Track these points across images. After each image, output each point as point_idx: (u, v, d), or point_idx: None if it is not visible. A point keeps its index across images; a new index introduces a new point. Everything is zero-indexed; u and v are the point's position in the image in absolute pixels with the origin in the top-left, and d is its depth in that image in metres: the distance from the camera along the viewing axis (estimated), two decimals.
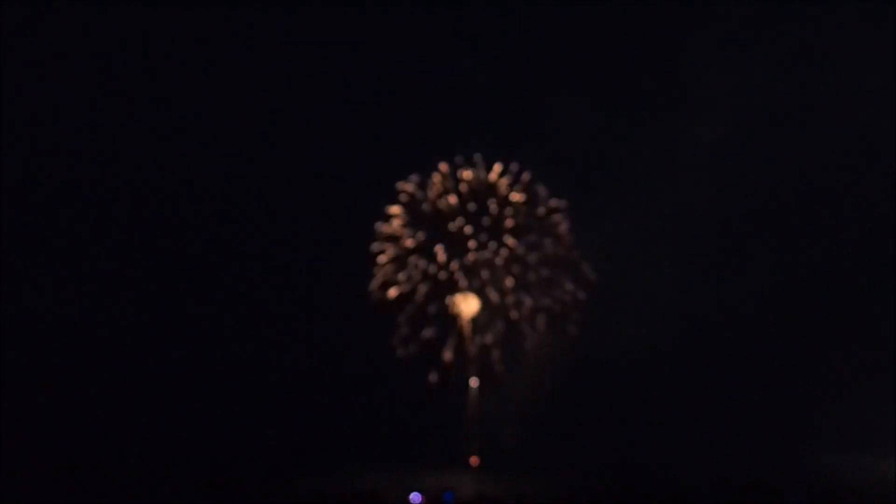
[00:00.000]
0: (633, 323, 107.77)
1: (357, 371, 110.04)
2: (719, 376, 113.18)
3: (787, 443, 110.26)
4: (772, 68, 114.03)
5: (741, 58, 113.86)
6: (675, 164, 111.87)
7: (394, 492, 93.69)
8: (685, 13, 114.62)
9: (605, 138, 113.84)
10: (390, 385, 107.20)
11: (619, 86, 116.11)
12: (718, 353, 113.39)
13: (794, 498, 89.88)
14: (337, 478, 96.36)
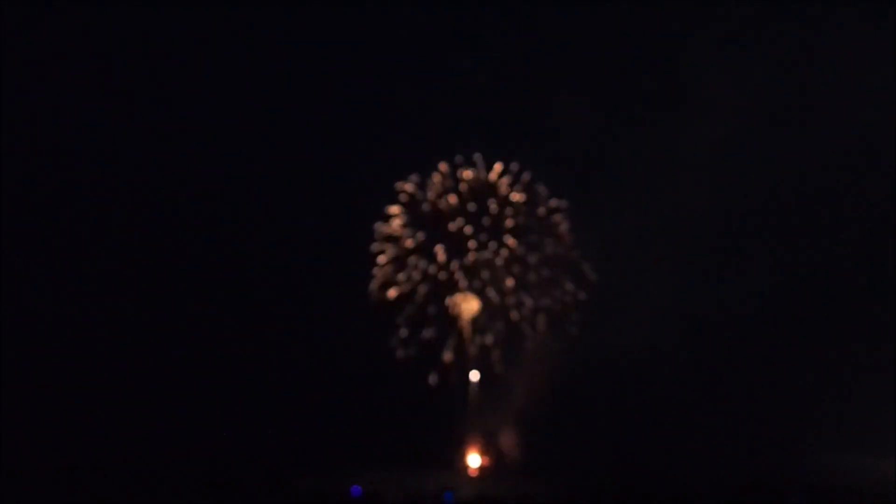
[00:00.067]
0: (633, 323, 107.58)
1: (357, 371, 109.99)
2: (719, 376, 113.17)
3: (787, 443, 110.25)
4: (772, 68, 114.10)
5: (741, 58, 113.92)
6: (675, 164, 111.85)
7: (394, 492, 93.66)
8: (685, 13, 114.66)
9: (605, 138, 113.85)
10: (390, 385, 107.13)
11: (619, 86, 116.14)
12: (718, 353, 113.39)
13: (794, 498, 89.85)
14: (337, 478, 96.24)
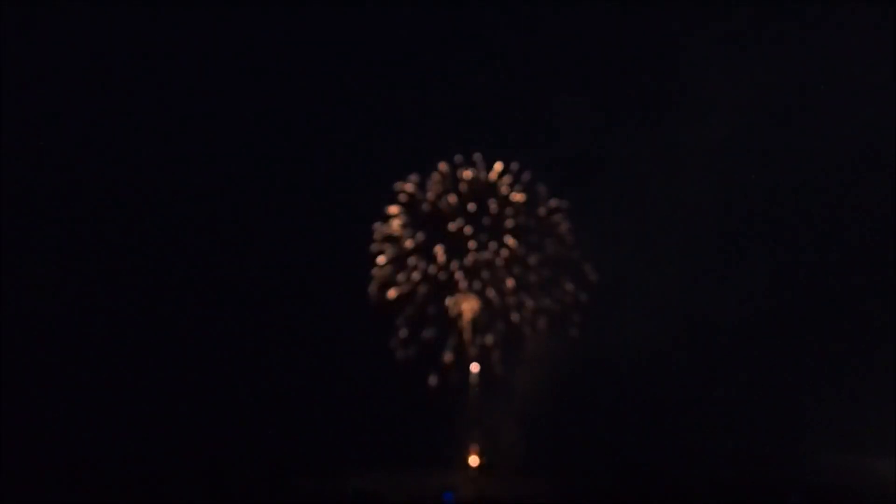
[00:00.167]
0: (633, 323, 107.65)
1: (357, 371, 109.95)
2: (719, 376, 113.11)
3: (787, 443, 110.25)
4: (772, 68, 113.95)
5: (741, 58, 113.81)
6: (676, 164, 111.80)
7: (394, 492, 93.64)
8: (685, 13, 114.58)
9: (605, 138, 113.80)
10: (390, 385, 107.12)
11: (619, 86, 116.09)
12: (718, 354, 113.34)
13: (794, 498, 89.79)
14: (337, 478, 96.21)
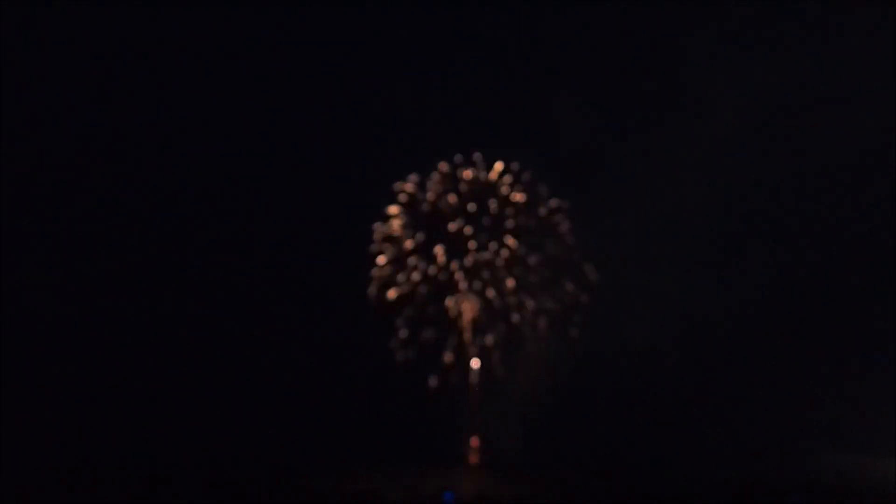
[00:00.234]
0: (633, 323, 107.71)
1: (357, 371, 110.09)
2: (719, 376, 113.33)
3: (787, 443, 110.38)
4: (772, 68, 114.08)
5: (741, 58, 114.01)
6: (676, 164, 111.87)
7: (394, 492, 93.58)
8: (685, 13, 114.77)
9: (605, 138, 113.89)
10: (391, 385, 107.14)
11: (619, 86, 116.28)
12: (718, 353, 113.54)
13: (794, 498, 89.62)
14: (337, 478, 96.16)
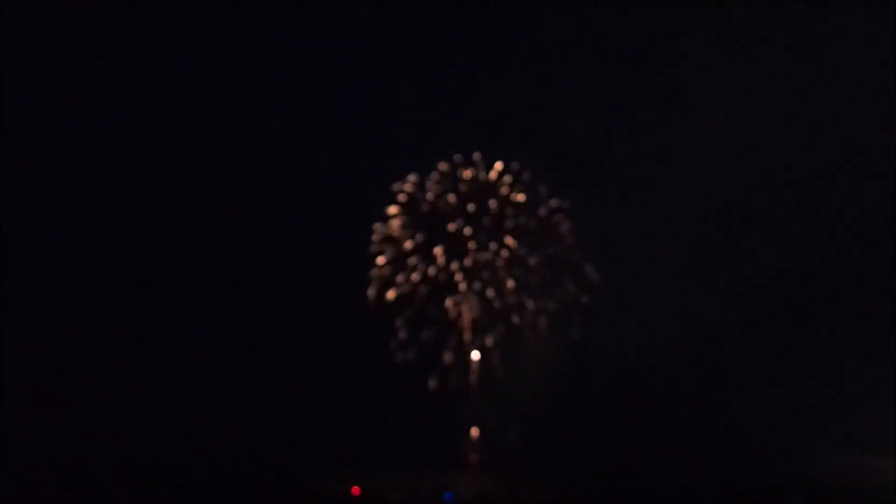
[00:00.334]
0: (633, 323, 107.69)
1: (357, 372, 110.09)
2: (719, 376, 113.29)
3: (787, 443, 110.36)
4: (772, 68, 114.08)
5: (741, 58, 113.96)
6: (675, 164, 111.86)
7: (394, 492, 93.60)
8: (685, 13, 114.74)
9: (605, 138, 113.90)
10: (391, 386, 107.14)
11: (619, 86, 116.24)
12: (719, 353, 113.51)
13: (794, 498, 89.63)
14: (337, 478, 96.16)
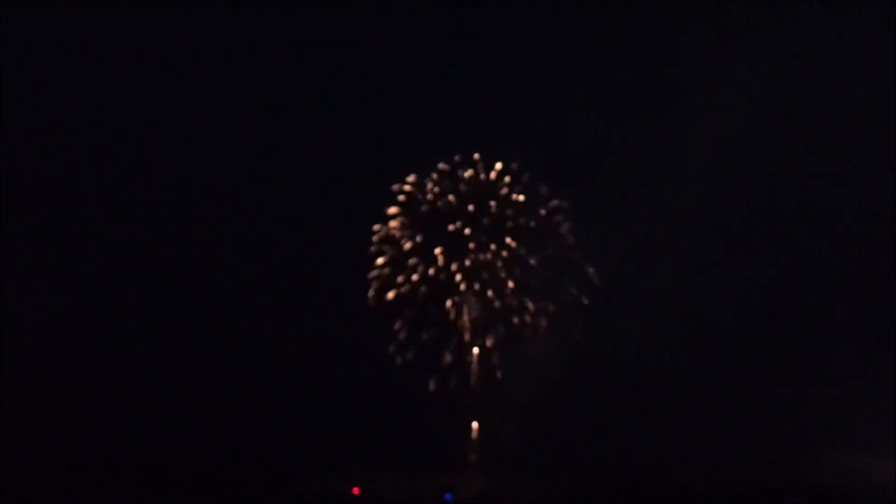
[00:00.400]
0: (633, 323, 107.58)
1: (357, 372, 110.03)
2: (719, 376, 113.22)
3: (786, 443, 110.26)
4: (772, 68, 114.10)
5: (741, 57, 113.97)
6: (675, 164, 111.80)
7: (394, 492, 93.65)
8: (685, 12, 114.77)
9: (605, 138, 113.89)
10: (391, 386, 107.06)
11: (619, 85, 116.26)
12: (718, 354, 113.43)
13: (794, 498, 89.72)
14: (337, 478, 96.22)
